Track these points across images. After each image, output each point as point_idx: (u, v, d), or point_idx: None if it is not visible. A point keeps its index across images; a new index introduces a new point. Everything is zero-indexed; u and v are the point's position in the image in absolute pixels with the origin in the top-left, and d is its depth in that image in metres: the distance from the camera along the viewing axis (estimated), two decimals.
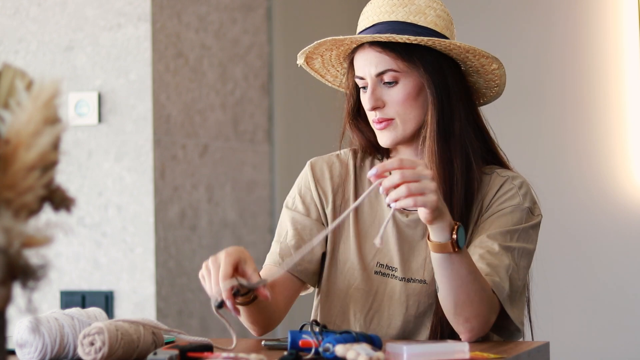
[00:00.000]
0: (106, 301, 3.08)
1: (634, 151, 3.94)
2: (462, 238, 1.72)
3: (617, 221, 3.96)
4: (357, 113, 2.00)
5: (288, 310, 1.99)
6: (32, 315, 0.97)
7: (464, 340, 1.81)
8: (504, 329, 1.89)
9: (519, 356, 1.70)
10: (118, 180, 3.11)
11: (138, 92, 3.10)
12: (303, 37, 2.07)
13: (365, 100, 1.93)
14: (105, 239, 3.11)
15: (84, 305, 3.05)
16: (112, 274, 3.10)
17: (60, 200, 1.05)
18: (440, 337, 1.90)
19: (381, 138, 1.95)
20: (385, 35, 1.88)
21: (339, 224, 2.00)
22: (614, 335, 3.95)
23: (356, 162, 2.04)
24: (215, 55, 3.41)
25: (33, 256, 0.96)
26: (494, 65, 1.94)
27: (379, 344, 1.60)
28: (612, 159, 3.98)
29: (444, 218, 1.69)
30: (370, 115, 1.95)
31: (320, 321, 1.99)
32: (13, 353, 1.67)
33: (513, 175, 1.98)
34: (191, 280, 3.24)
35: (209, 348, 1.64)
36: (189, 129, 3.27)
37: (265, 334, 1.93)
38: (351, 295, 1.97)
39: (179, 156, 3.22)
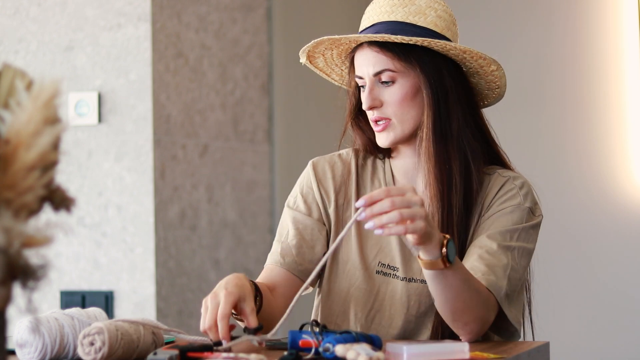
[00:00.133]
0: (106, 301, 3.07)
1: (634, 151, 3.94)
2: (452, 252, 1.70)
3: (617, 221, 3.96)
4: (359, 112, 2.01)
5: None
6: (32, 315, 0.97)
7: (464, 341, 1.81)
8: (504, 329, 1.89)
9: (519, 356, 1.70)
10: (118, 180, 3.11)
11: (138, 92, 3.10)
12: (303, 37, 2.07)
13: (363, 100, 1.94)
14: (105, 239, 3.11)
15: (84, 305, 3.05)
16: (112, 274, 3.09)
17: (60, 200, 1.05)
18: (441, 337, 1.90)
19: (379, 139, 1.95)
20: (380, 35, 1.89)
21: (340, 224, 2.01)
22: (614, 335, 3.95)
23: (358, 162, 2.04)
24: (215, 55, 3.41)
25: (33, 256, 0.96)
26: (493, 66, 1.94)
27: (379, 344, 1.60)
28: (612, 159, 3.98)
29: (432, 240, 1.67)
30: (368, 114, 1.95)
31: (321, 321, 1.99)
32: (13, 353, 1.67)
33: (514, 175, 1.98)
34: (191, 280, 3.24)
35: (209, 348, 1.64)
36: (189, 129, 3.27)
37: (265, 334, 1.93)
38: (352, 295, 1.97)
39: (179, 156, 3.22)
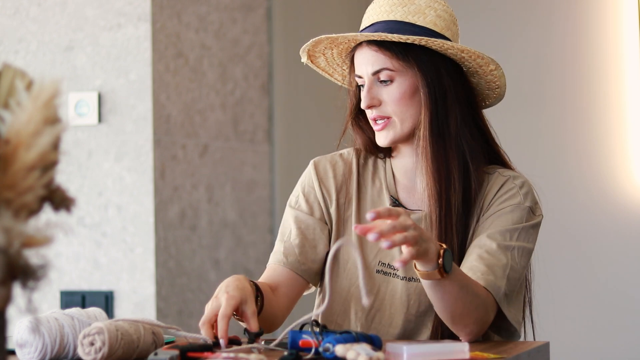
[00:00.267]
0: (106, 301, 3.07)
1: (634, 151, 3.94)
2: (449, 262, 1.69)
3: (617, 221, 3.96)
4: (359, 112, 2.01)
5: (291, 310, 2.00)
6: (32, 315, 0.97)
7: (464, 341, 1.81)
8: (504, 329, 1.89)
9: (519, 356, 1.70)
10: (118, 180, 3.11)
11: (138, 92, 3.10)
12: (303, 37, 2.07)
13: (362, 99, 1.94)
14: (105, 239, 3.11)
15: (84, 305, 3.05)
16: (112, 274, 3.09)
17: (60, 200, 1.05)
18: (441, 337, 1.90)
19: (379, 138, 1.95)
20: (378, 34, 1.89)
21: (341, 223, 2.01)
22: (614, 335, 3.95)
23: (359, 161, 2.05)
24: (215, 55, 3.41)
25: (33, 256, 0.96)
26: (491, 66, 1.94)
27: (379, 344, 1.60)
28: (612, 159, 3.98)
29: (428, 254, 1.66)
30: (367, 113, 1.96)
31: (321, 320, 1.99)
32: (13, 353, 1.67)
33: (515, 174, 1.98)
34: (191, 280, 3.24)
35: (209, 348, 1.64)
36: (189, 129, 3.27)
37: (267, 334, 1.93)
38: (353, 294, 1.97)
39: (179, 156, 3.22)
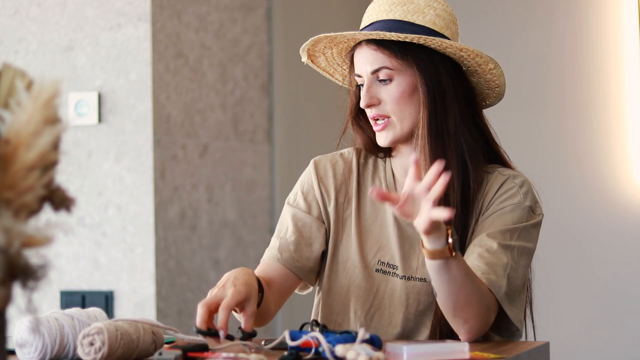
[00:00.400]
0: (106, 301, 3.07)
1: (634, 151, 3.94)
2: (457, 243, 1.71)
3: (617, 221, 3.96)
4: (360, 111, 2.01)
5: (281, 306, 1.99)
6: (32, 315, 0.97)
7: (464, 340, 1.81)
8: (504, 329, 1.89)
9: (519, 356, 1.70)
10: (118, 180, 3.11)
11: (138, 92, 3.10)
12: (303, 37, 2.07)
13: (361, 98, 1.94)
14: (105, 239, 3.11)
15: (84, 305, 3.05)
16: (112, 274, 3.09)
17: (60, 200, 1.05)
18: (440, 337, 1.90)
19: (379, 138, 1.95)
20: (376, 32, 1.89)
21: (340, 222, 2.01)
22: (614, 335, 3.95)
23: (359, 161, 2.05)
24: (215, 55, 3.41)
25: (33, 256, 0.96)
26: (490, 65, 1.94)
27: (379, 344, 1.60)
28: (612, 159, 3.98)
29: (440, 229, 1.69)
30: (367, 112, 1.96)
31: (321, 319, 1.99)
32: (13, 353, 1.67)
33: (515, 174, 1.98)
34: (191, 280, 3.24)
35: (204, 348, 1.65)
36: (189, 129, 3.27)
37: (260, 332, 1.93)
38: (352, 293, 1.98)
39: (179, 156, 3.22)
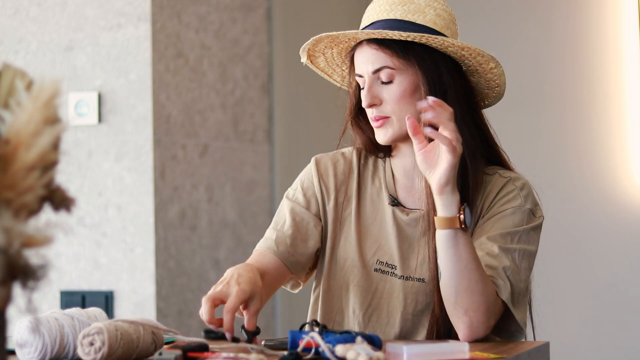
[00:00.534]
0: (106, 301, 3.07)
1: (634, 151, 3.94)
2: (469, 218, 1.77)
3: (617, 221, 3.96)
4: (359, 111, 2.01)
5: (269, 298, 1.98)
6: (32, 315, 0.97)
7: (462, 338, 1.81)
8: (504, 330, 1.89)
9: (519, 356, 1.70)
10: (118, 180, 3.11)
11: (138, 92, 3.10)
12: (303, 37, 2.07)
13: (362, 98, 1.94)
14: (105, 239, 3.11)
15: (84, 305, 3.05)
16: (112, 274, 3.09)
17: (60, 200, 1.05)
18: (437, 336, 1.90)
19: (378, 135, 1.96)
20: (378, 31, 1.89)
21: (339, 221, 2.01)
22: (614, 336, 3.95)
23: (360, 161, 2.05)
24: (215, 55, 3.41)
25: (33, 256, 0.96)
26: (491, 64, 1.94)
27: (379, 343, 1.60)
28: (612, 159, 3.98)
29: (454, 190, 1.76)
30: (367, 112, 1.96)
31: (320, 318, 2.00)
32: (13, 353, 1.67)
33: (515, 176, 1.97)
34: (191, 280, 3.24)
35: (205, 348, 1.65)
36: (189, 129, 3.27)
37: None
38: (351, 292, 1.98)
39: (179, 156, 3.22)
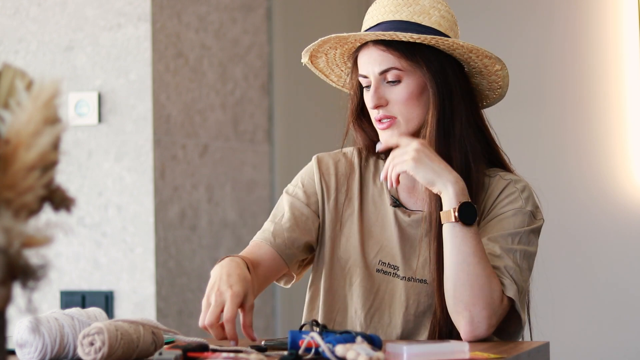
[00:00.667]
0: (106, 301, 3.07)
1: (634, 151, 3.94)
2: (467, 212, 1.80)
3: (617, 221, 3.96)
4: (361, 112, 2.01)
5: (262, 290, 1.98)
6: (32, 315, 0.97)
7: (463, 336, 1.81)
8: (504, 330, 1.89)
9: (519, 356, 1.70)
10: (118, 180, 3.11)
11: (138, 92, 3.10)
12: (303, 37, 2.07)
13: (368, 99, 1.94)
14: (105, 239, 3.11)
15: (84, 305, 3.05)
16: (112, 274, 3.09)
17: (60, 200, 1.05)
18: (439, 337, 1.90)
19: (383, 137, 1.95)
20: (389, 33, 1.88)
21: (339, 221, 2.01)
22: (614, 336, 3.95)
23: (361, 161, 2.05)
24: (215, 55, 3.41)
25: (33, 256, 0.96)
26: (497, 66, 1.94)
27: (379, 344, 1.60)
28: (612, 159, 3.98)
29: (446, 187, 1.81)
30: (372, 113, 1.95)
31: (321, 318, 1.99)
32: (13, 353, 1.67)
33: (516, 178, 1.98)
34: (191, 280, 3.24)
35: (205, 348, 1.65)
36: (189, 129, 3.27)
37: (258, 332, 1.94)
38: (353, 293, 1.98)
39: (179, 156, 3.22)
